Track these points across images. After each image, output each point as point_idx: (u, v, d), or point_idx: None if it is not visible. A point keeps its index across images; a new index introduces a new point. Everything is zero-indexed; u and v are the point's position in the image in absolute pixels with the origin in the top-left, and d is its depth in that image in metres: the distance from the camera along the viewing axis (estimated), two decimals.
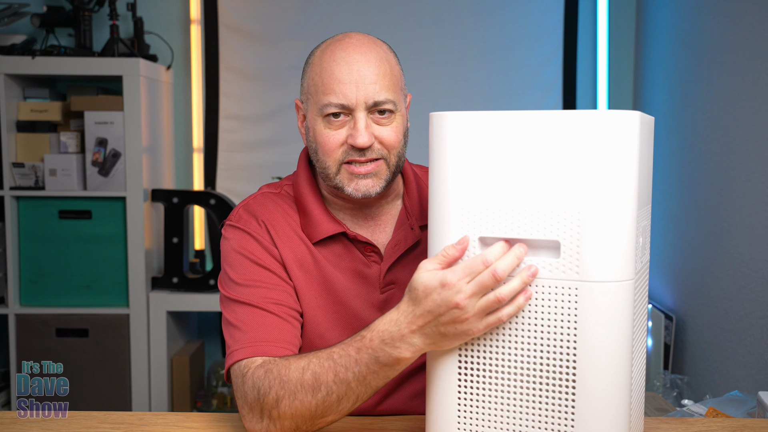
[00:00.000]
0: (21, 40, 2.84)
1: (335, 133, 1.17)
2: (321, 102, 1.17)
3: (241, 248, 1.21)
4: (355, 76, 1.15)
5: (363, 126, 1.16)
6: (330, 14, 3.11)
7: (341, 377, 1.01)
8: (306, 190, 1.26)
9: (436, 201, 0.97)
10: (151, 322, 2.84)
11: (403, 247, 1.26)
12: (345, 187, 1.19)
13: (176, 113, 3.18)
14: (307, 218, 1.24)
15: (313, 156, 1.23)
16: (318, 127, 1.19)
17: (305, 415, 1.04)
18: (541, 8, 3.12)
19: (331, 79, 1.16)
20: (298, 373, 1.03)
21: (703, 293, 2.34)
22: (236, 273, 1.20)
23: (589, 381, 0.90)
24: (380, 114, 1.17)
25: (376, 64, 1.17)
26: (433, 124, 0.97)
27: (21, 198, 2.80)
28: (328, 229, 1.23)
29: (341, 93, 1.15)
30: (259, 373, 1.07)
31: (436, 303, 0.93)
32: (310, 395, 1.02)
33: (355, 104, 1.15)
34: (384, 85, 1.17)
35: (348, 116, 1.17)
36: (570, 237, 0.90)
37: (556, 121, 0.90)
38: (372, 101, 1.16)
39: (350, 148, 1.17)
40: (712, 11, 2.31)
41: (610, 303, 0.90)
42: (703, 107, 2.36)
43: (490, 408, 0.96)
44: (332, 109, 1.16)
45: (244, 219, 1.24)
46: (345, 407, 1.04)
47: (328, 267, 1.23)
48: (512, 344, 0.94)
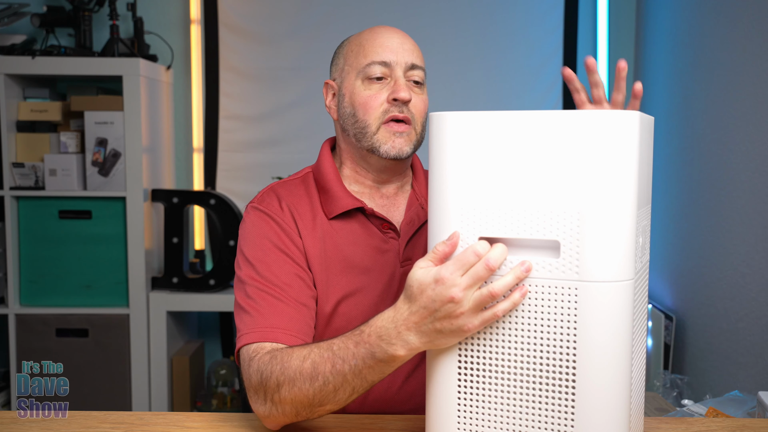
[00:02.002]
0: (21, 40, 2.84)
1: (376, 93, 1.26)
2: (363, 63, 1.27)
3: (261, 230, 1.24)
4: (396, 42, 1.28)
5: (404, 82, 1.27)
6: (330, 14, 3.12)
7: (338, 369, 1.02)
8: (328, 170, 1.32)
9: (436, 201, 0.97)
10: (151, 322, 2.84)
11: (416, 224, 1.32)
12: (382, 145, 1.26)
13: (176, 113, 3.18)
14: (327, 195, 1.30)
15: (349, 121, 1.29)
16: (358, 90, 1.28)
17: (304, 402, 1.06)
18: (541, 8, 3.12)
19: (374, 43, 1.28)
20: (298, 361, 1.06)
21: (703, 293, 2.34)
22: (253, 255, 1.22)
23: (589, 381, 0.90)
24: (414, 83, 1.29)
25: (410, 40, 1.31)
26: (433, 124, 0.97)
27: (21, 198, 2.80)
28: (347, 203, 1.28)
29: (384, 53, 1.27)
30: (265, 359, 1.09)
31: (431, 299, 0.94)
32: (308, 383, 1.04)
33: (395, 62, 1.27)
34: (418, 55, 1.30)
35: (388, 79, 1.27)
36: (570, 237, 0.90)
37: (556, 121, 0.90)
38: (411, 62, 1.28)
39: (391, 104, 1.26)
40: (712, 11, 2.31)
41: (609, 303, 0.89)
42: (703, 107, 2.36)
43: (490, 408, 0.96)
44: (375, 68, 1.26)
45: (266, 201, 1.28)
46: (341, 398, 1.05)
47: (348, 245, 1.27)
48: (512, 344, 0.94)
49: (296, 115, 3.12)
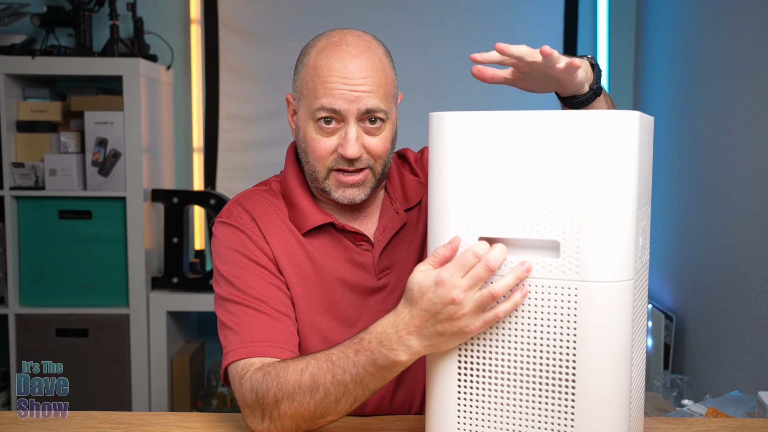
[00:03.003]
0: (21, 40, 2.84)
1: (326, 140, 1.17)
2: (313, 106, 1.17)
3: (232, 245, 1.21)
4: (348, 83, 1.14)
5: (354, 137, 1.16)
6: (330, 14, 3.11)
7: (339, 379, 1.01)
8: (294, 184, 1.26)
9: (436, 201, 0.97)
10: (151, 322, 2.84)
11: (391, 231, 1.26)
12: (332, 192, 1.20)
13: (176, 113, 3.18)
14: (295, 210, 1.24)
15: (302, 156, 1.23)
16: (309, 131, 1.19)
17: (305, 415, 1.04)
18: (541, 8, 3.12)
19: (325, 86, 1.15)
20: (296, 375, 1.04)
21: (703, 293, 2.34)
22: (228, 271, 1.19)
23: (589, 381, 0.90)
24: (371, 123, 1.17)
25: (372, 74, 1.16)
26: (433, 124, 0.97)
27: (21, 198, 2.80)
28: (317, 219, 1.23)
29: (333, 99, 1.14)
30: (257, 376, 1.07)
31: (432, 301, 0.93)
32: (309, 396, 1.03)
33: (347, 111, 1.15)
34: (378, 95, 1.16)
35: (340, 123, 1.17)
36: (570, 237, 0.90)
37: (555, 121, 0.90)
38: (365, 109, 1.15)
39: (340, 157, 1.17)
40: (712, 11, 2.31)
41: (609, 303, 0.90)
42: (703, 107, 2.36)
43: (490, 408, 0.96)
44: (324, 114, 1.16)
45: (234, 214, 1.24)
46: (343, 408, 1.04)
47: (320, 258, 1.23)
48: (512, 344, 0.94)
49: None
